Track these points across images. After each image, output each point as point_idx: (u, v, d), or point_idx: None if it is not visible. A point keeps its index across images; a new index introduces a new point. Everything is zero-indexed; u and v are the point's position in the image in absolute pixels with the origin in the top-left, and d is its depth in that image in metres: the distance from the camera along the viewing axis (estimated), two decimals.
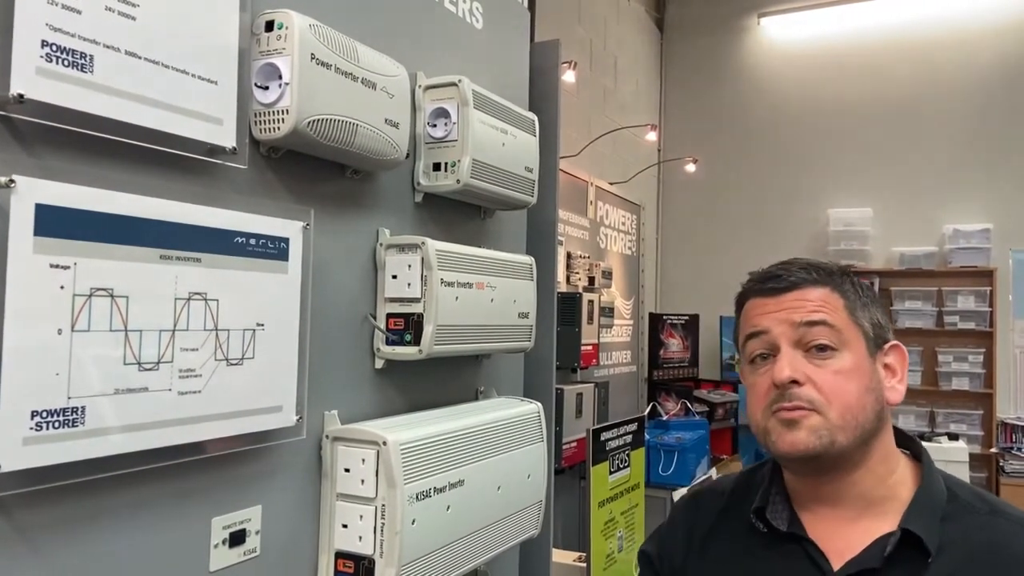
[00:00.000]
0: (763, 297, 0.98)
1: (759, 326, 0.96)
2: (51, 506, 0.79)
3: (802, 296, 0.95)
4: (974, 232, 5.69)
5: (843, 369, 0.92)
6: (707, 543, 1.05)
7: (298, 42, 0.98)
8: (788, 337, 0.94)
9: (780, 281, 0.97)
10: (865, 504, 0.95)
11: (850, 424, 0.91)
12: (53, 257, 0.75)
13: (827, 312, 0.94)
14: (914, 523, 0.90)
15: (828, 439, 0.90)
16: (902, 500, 0.94)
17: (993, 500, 0.96)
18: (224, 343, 0.92)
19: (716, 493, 1.10)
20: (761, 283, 0.99)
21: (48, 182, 0.75)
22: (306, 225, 1.05)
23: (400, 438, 1.10)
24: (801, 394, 0.91)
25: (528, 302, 1.47)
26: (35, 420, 0.73)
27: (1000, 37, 5.82)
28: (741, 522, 1.02)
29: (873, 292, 1.01)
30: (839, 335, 0.93)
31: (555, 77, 1.80)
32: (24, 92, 0.73)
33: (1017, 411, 5.55)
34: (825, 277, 0.97)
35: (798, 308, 0.94)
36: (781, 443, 0.92)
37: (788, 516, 0.98)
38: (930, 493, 0.94)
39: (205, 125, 0.91)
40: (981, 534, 0.91)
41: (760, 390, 0.95)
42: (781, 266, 0.99)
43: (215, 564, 0.97)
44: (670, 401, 5.18)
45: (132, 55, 0.82)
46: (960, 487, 0.97)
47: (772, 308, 0.96)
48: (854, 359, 0.93)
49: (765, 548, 0.98)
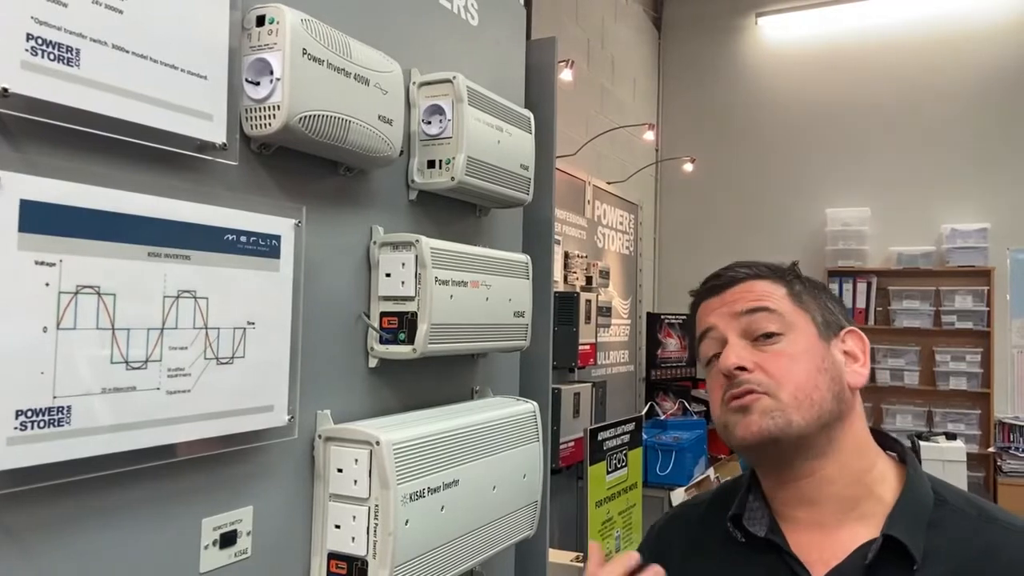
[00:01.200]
0: (708, 297, 1.00)
1: (706, 324, 0.98)
2: (37, 507, 0.77)
3: (744, 289, 0.97)
4: (972, 232, 5.69)
5: (789, 351, 0.91)
6: (684, 562, 1.01)
7: (290, 37, 0.97)
8: (733, 328, 0.95)
9: (720, 279, 0.99)
10: (844, 506, 0.91)
11: (804, 403, 0.89)
12: (38, 254, 0.73)
13: (769, 300, 0.94)
14: (897, 529, 0.86)
15: (783, 419, 0.88)
16: (885, 504, 0.90)
17: (983, 504, 0.92)
18: (214, 342, 0.91)
19: (694, 506, 1.09)
20: (704, 284, 1.01)
21: (33, 177, 0.73)
22: (298, 223, 1.04)
23: (393, 438, 1.09)
24: (750, 379, 0.90)
25: (524, 301, 1.46)
26: (20, 420, 0.72)
27: (998, 37, 5.82)
28: (719, 534, 0.98)
29: (823, 286, 1.01)
30: (783, 319, 0.93)
31: (551, 75, 1.78)
32: (8, 86, 0.71)
33: (1015, 411, 5.55)
34: (766, 271, 0.99)
35: (739, 299, 0.96)
36: (737, 431, 0.90)
37: (767, 522, 0.94)
38: (915, 497, 0.90)
39: (194, 120, 0.90)
40: (971, 540, 0.87)
41: (715, 386, 0.95)
42: (724, 267, 1.01)
43: (205, 566, 0.96)
44: (668, 401, 5.17)
45: (119, 49, 0.81)
46: (948, 491, 0.93)
47: (716, 305, 0.98)
48: (802, 341, 0.92)
49: (744, 560, 0.94)
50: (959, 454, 4.69)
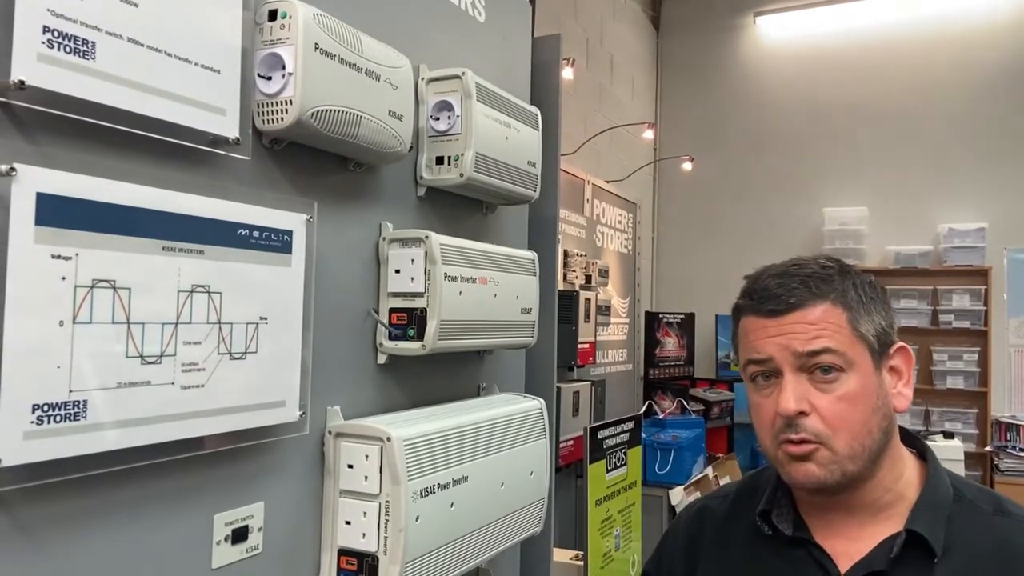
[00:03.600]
0: (762, 318, 0.94)
1: (762, 353, 0.93)
2: (52, 502, 0.77)
3: (803, 318, 0.91)
4: (969, 231, 5.71)
5: (848, 394, 0.90)
6: (712, 550, 1.04)
7: (302, 32, 0.97)
8: (791, 364, 0.91)
9: (779, 303, 0.93)
10: (875, 510, 0.95)
11: (857, 452, 0.91)
12: (54, 247, 0.73)
13: (829, 335, 0.91)
14: (919, 524, 0.90)
15: (839, 471, 0.91)
16: (908, 501, 0.94)
17: (999, 498, 0.96)
18: (227, 337, 0.91)
19: (719, 499, 1.10)
20: (760, 303, 0.95)
21: (49, 171, 0.73)
22: (309, 218, 1.03)
23: (404, 434, 1.08)
24: (806, 425, 0.90)
25: (531, 298, 1.46)
26: (36, 414, 0.71)
27: (995, 37, 5.83)
28: (746, 526, 1.01)
29: (876, 289, 0.98)
30: (843, 357, 0.91)
31: (556, 72, 1.78)
32: (25, 78, 0.71)
33: (1012, 409, 5.57)
34: (825, 288, 0.93)
35: (799, 333, 0.91)
36: (796, 475, 0.92)
37: (794, 519, 0.98)
38: (935, 493, 0.94)
39: (208, 115, 0.89)
40: (987, 533, 0.91)
41: (766, 416, 0.93)
42: (779, 280, 0.94)
43: (217, 561, 0.95)
44: (666, 399, 5.17)
45: (134, 42, 0.80)
46: (966, 486, 0.97)
47: (773, 332, 0.93)
48: (859, 380, 0.91)
49: (771, 552, 0.98)
50: (957, 453, 4.71)
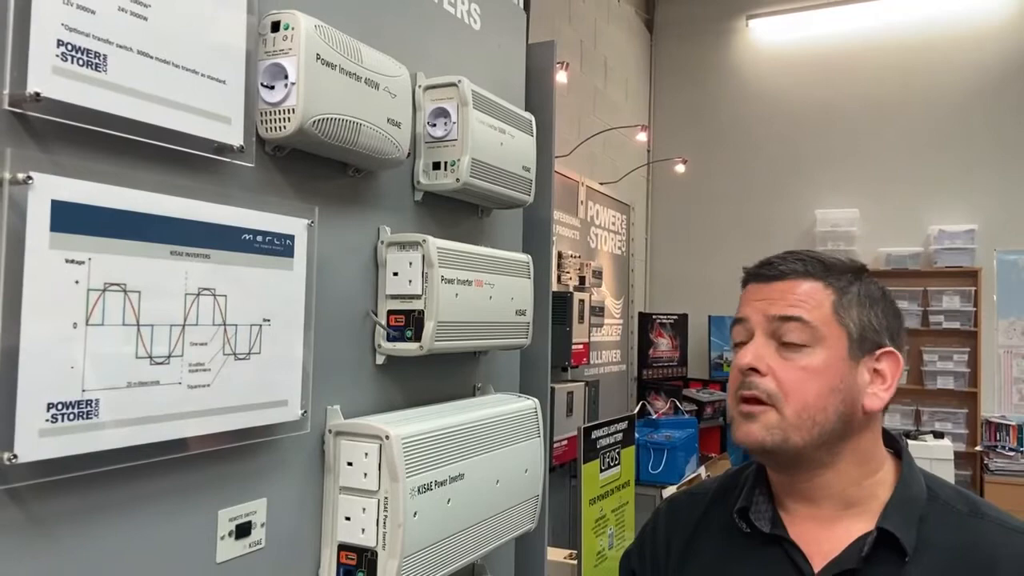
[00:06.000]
0: (755, 283, 0.98)
1: (742, 313, 0.98)
2: (65, 497, 0.80)
3: (788, 288, 0.94)
4: (959, 233, 5.76)
5: (809, 366, 0.91)
6: (690, 546, 1.05)
7: (304, 43, 1.00)
8: (763, 327, 0.94)
9: (771, 269, 0.97)
10: (842, 504, 0.95)
11: (806, 423, 0.90)
12: (68, 252, 0.76)
13: (806, 308, 0.92)
14: (891, 522, 0.90)
15: (780, 436, 0.91)
16: (881, 500, 0.93)
17: (975, 500, 0.95)
18: (232, 338, 0.94)
19: (698, 496, 1.11)
20: (757, 268, 0.99)
21: (63, 179, 0.76)
22: (310, 223, 1.06)
23: (402, 432, 1.12)
24: (760, 384, 0.92)
25: (525, 300, 1.50)
26: (51, 412, 0.75)
27: (984, 40, 5.89)
28: (724, 523, 1.02)
29: (884, 297, 0.97)
30: (813, 332, 0.92)
31: (550, 78, 1.82)
32: (41, 91, 0.74)
33: (1001, 409, 5.63)
34: (821, 271, 0.95)
35: (778, 300, 0.94)
36: (738, 433, 0.94)
37: (771, 517, 0.98)
38: (908, 492, 0.93)
39: (214, 123, 0.92)
40: (960, 535, 0.90)
41: (734, 375, 0.97)
42: (784, 254, 0.98)
43: (222, 555, 0.99)
44: (659, 400, 5.21)
45: (144, 55, 0.84)
46: (941, 487, 0.96)
47: (757, 296, 0.97)
48: (825, 358, 0.91)
49: (747, 550, 0.98)
50: (947, 452, 4.76)
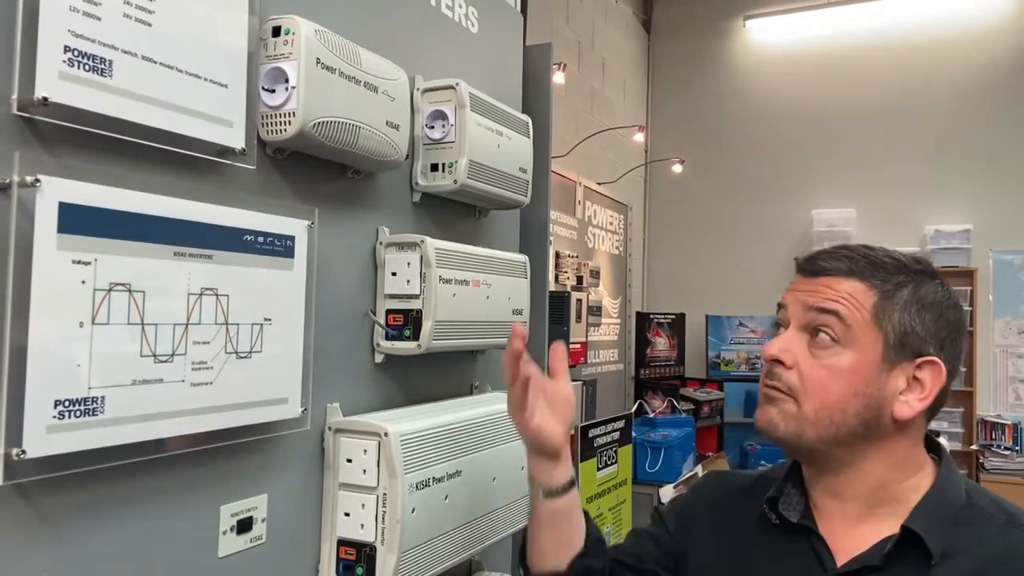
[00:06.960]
0: (800, 276, 0.98)
1: (784, 300, 0.98)
2: (70, 493, 0.82)
3: (830, 284, 0.93)
4: (955, 233, 5.79)
5: (835, 366, 0.90)
6: (723, 521, 1.05)
7: (304, 47, 1.02)
8: (798, 318, 0.94)
9: (815, 265, 0.96)
10: (870, 503, 0.94)
11: (823, 422, 0.90)
12: (75, 253, 0.78)
13: (845, 306, 0.90)
14: (918, 523, 0.88)
15: (795, 429, 0.91)
16: (914, 503, 0.91)
17: (1013, 509, 0.92)
18: (234, 337, 0.96)
19: (741, 477, 1.11)
20: (804, 262, 0.98)
21: (70, 181, 0.78)
22: (311, 224, 1.08)
23: (401, 429, 1.14)
24: (783, 376, 0.93)
25: (522, 300, 1.52)
26: (58, 409, 0.76)
27: (981, 41, 5.92)
28: (755, 512, 1.02)
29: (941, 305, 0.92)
30: (847, 331, 0.90)
31: (547, 80, 1.84)
32: (48, 95, 0.76)
33: (997, 409, 5.66)
34: (868, 270, 0.93)
35: (818, 293, 0.93)
36: (758, 418, 0.96)
37: (802, 509, 0.98)
38: (942, 496, 0.92)
39: (216, 127, 0.94)
40: (993, 543, 0.88)
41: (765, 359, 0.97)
42: (834, 248, 0.97)
43: (223, 550, 1.01)
44: (657, 399, 5.23)
45: (148, 60, 0.86)
46: (980, 494, 0.94)
47: (799, 287, 0.96)
48: (853, 360, 0.90)
49: (773, 539, 0.98)
50: None
